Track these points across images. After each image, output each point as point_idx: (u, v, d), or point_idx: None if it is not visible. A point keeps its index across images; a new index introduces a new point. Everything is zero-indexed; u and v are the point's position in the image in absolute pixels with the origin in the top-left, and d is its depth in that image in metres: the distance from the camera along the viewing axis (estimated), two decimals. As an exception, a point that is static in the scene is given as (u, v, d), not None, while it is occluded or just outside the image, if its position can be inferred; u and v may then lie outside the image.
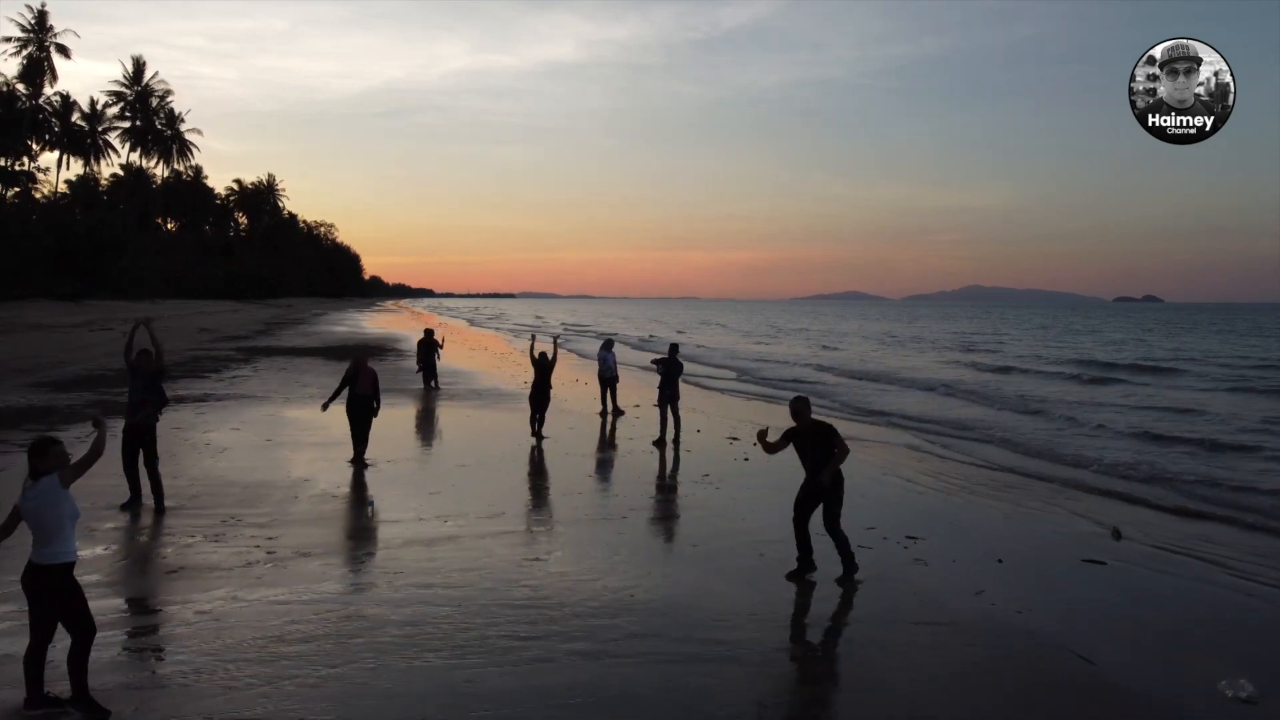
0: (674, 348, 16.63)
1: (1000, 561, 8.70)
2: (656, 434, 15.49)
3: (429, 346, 23.12)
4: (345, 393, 12.90)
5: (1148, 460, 14.76)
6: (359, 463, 12.66)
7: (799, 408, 8.13)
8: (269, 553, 8.36)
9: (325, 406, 13.10)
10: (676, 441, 15.41)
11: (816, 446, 7.98)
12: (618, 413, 18.87)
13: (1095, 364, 37.24)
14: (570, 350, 37.84)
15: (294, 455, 13.38)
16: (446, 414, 19.00)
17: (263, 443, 14.39)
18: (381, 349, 38.81)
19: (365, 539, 9.00)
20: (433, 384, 22.97)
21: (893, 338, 64.54)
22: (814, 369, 34.79)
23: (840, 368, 35.63)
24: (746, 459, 13.99)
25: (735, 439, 15.95)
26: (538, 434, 15.23)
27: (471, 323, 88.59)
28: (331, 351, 37.07)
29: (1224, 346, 54.52)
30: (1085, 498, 12.13)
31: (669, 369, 15.85)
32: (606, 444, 15.66)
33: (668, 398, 15.60)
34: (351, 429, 12.81)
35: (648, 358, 27.75)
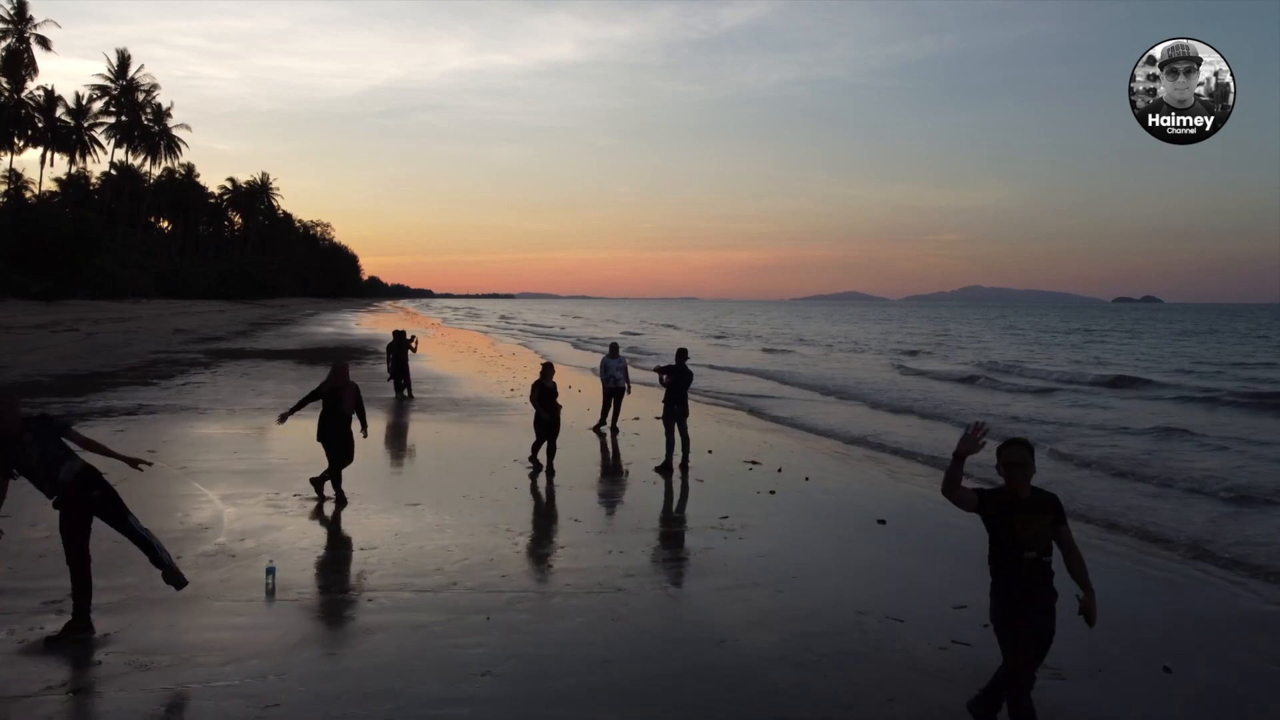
0: (682, 354, 13.75)
1: (1168, 670, 5.97)
2: (661, 458, 12.75)
3: (399, 349, 20.41)
4: (319, 408, 10.35)
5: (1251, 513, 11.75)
6: (340, 500, 10.09)
7: (1020, 459, 4.58)
8: (92, 664, 5.63)
9: (283, 419, 10.39)
10: (685, 467, 12.68)
11: (1042, 529, 4.56)
12: (614, 428, 16.17)
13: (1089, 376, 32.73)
14: (534, 351, 35.28)
15: (206, 489, 10.64)
16: (415, 430, 16.26)
17: (175, 471, 11.66)
18: (362, 351, 36.10)
19: (244, 634, 6.25)
20: (405, 392, 20.25)
21: (848, 341, 59.31)
22: (750, 375, 31.64)
23: (759, 371, 32.73)
24: (772, 492, 11.26)
25: (755, 464, 13.22)
26: (538, 464, 12.32)
27: (444, 322, 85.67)
28: (307, 354, 34.37)
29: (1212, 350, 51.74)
30: (1203, 555, 9.39)
31: (678, 380, 13.08)
32: (601, 469, 12.94)
33: (675, 415, 12.84)
34: (329, 454, 10.20)
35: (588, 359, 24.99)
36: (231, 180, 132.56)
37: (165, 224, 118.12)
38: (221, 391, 20.79)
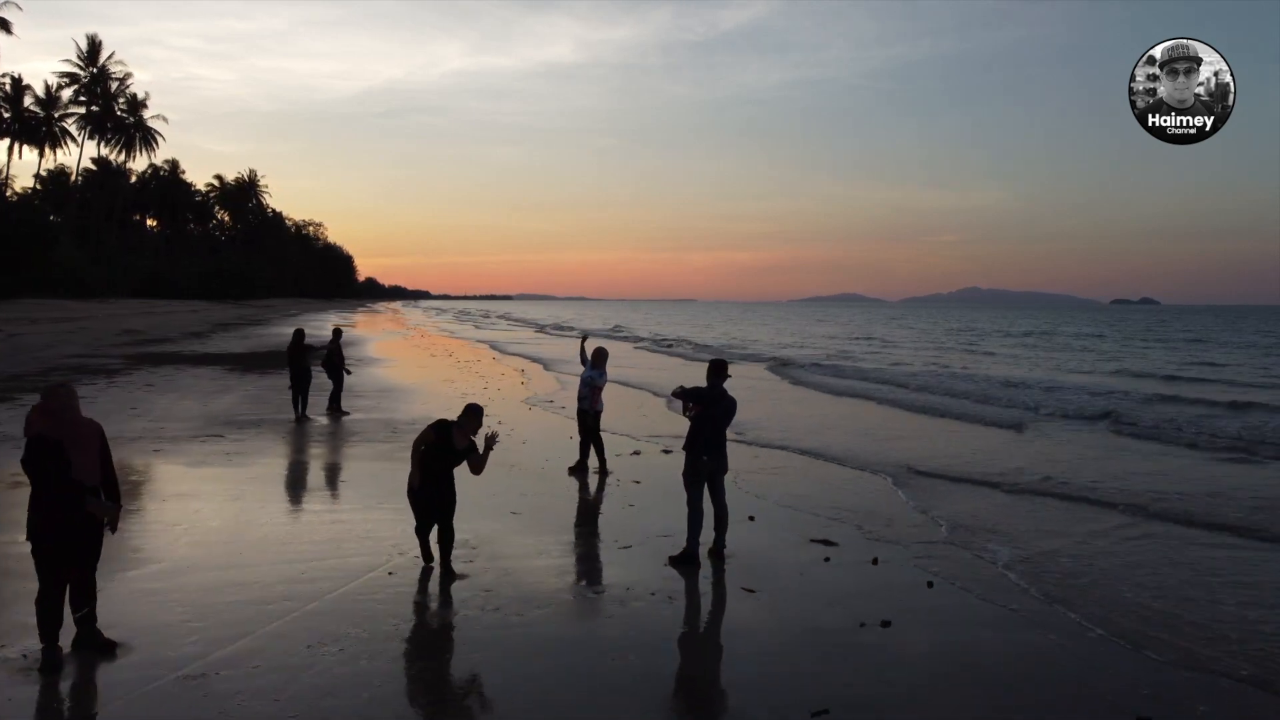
0: (719, 368, 8.07)
1: None
2: (682, 540, 7.73)
3: (303, 354, 15.60)
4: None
5: None
6: (89, 635, 5.30)
7: None
8: None
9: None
10: (720, 555, 7.69)
11: None
12: (603, 471, 11.15)
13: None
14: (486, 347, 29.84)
15: None
16: (316, 472, 11.30)
17: None
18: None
19: None
20: (300, 408, 15.49)
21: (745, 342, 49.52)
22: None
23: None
24: (887, 623, 6.25)
25: (830, 545, 8.23)
26: (435, 562, 7.09)
27: (410, 323, 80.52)
28: (248, 359, 29.45)
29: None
30: None
31: (712, 410, 7.72)
32: (577, 560, 7.87)
33: (705, 470, 7.67)
34: (49, 559, 5.18)
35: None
36: (219, 177, 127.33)
37: (152, 222, 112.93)
38: (93, 410, 15.77)
